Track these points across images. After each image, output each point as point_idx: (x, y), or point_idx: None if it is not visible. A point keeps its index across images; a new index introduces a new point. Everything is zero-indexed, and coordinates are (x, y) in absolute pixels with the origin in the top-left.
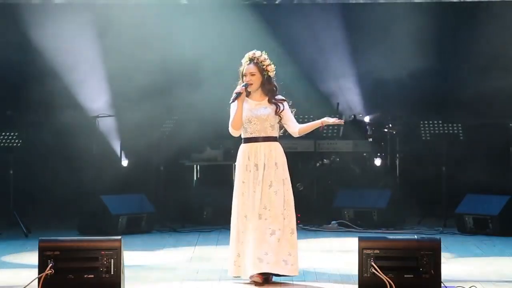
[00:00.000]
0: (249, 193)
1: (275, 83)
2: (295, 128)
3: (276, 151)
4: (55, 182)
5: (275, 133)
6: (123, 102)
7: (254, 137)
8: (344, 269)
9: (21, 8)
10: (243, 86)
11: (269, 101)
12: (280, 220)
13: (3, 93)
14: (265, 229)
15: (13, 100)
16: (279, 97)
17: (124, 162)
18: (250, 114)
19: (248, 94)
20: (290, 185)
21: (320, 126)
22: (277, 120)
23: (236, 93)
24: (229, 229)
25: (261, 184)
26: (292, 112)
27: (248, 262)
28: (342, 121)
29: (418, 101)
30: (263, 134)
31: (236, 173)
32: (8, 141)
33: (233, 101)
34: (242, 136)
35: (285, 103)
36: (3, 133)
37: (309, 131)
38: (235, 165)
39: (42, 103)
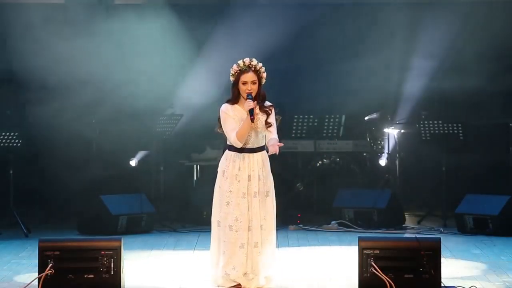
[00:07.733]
0: (236, 203)
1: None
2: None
3: (268, 160)
4: (55, 182)
5: (264, 142)
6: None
7: (248, 148)
8: None
9: None
10: (249, 98)
11: (260, 109)
12: (273, 230)
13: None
14: (262, 240)
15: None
16: (268, 103)
17: (133, 162)
18: None
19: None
20: None
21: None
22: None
23: (251, 109)
24: None
25: (258, 195)
26: (276, 120)
27: (243, 274)
28: (276, 149)
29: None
30: (256, 145)
31: (220, 181)
32: (8, 141)
33: (252, 120)
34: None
35: (273, 109)
36: (3, 133)
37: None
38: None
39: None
